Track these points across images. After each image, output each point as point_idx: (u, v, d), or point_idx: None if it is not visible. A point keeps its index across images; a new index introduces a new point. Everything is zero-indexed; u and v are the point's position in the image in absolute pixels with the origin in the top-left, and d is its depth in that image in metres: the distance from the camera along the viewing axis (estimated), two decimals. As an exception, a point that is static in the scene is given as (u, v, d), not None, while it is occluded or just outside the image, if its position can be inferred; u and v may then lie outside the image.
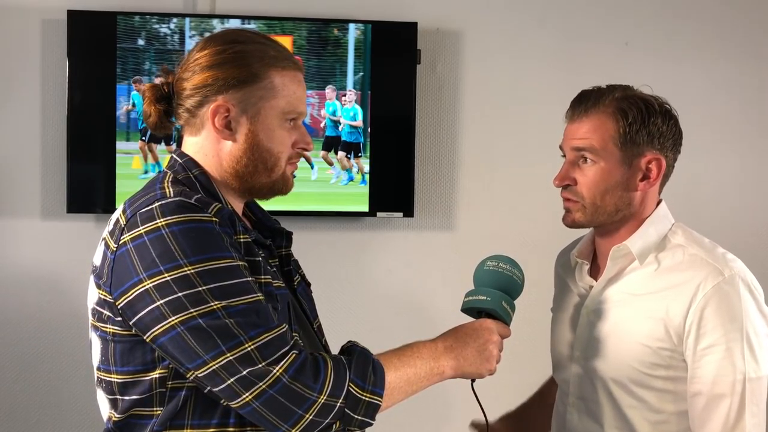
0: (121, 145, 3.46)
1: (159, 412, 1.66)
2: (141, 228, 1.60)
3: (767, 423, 1.88)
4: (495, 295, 1.87)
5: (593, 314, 2.00)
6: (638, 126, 1.89)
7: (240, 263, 1.62)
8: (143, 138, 3.46)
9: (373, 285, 3.72)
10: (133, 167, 3.47)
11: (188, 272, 1.57)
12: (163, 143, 3.45)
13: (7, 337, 3.52)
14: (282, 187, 1.79)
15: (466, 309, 1.91)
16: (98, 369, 1.72)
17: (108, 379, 1.69)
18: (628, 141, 1.89)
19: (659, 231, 1.96)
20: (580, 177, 1.93)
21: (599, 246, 2.05)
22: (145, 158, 3.47)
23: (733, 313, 1.84)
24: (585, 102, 1.93)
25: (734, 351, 1.83)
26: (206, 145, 1.75)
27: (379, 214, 3.62)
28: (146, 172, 3.45)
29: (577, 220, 1.96)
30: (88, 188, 3.49)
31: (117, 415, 1.69)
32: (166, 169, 1.77)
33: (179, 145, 1.81)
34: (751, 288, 1.88)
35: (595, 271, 2.06)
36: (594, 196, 1.92)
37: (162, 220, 1.59)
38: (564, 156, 1.99)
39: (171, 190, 1.66)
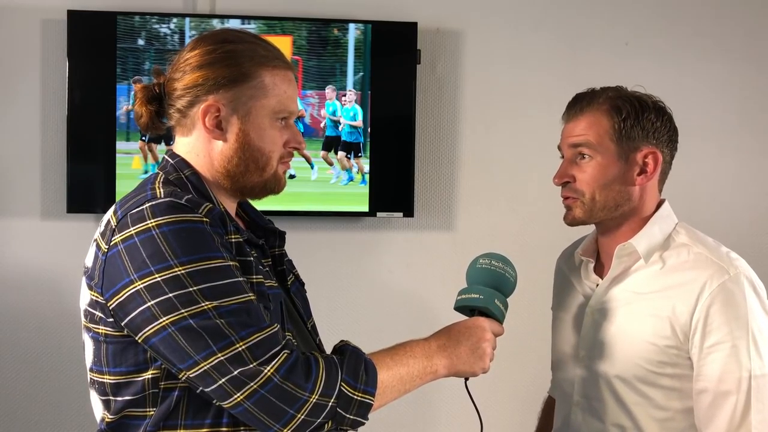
0: (121, 145, 3.47)
1: (152, 412, 1.66)
2: (132, 229, 1.60)
3: None
4: (488, 293, 1.87)
5: (598, 313, 2.01)
6: (632, 121, 1.94)
7: (231, 263, 1.62)
8: (143, 138, 3.46)
9: (373, 285, 3.71)
10: (133, 167, 3.47)
11: (179, 273, 1.56)
12: (163, 143, 3.44)
13: (7, 336, 3.53)
14: (274, 186, 1.79)
15: (459, 307, 1.91)
16: (91, 370, 1.72)
17: (101, 380, 1.69)
18: (624, 136, 1.94)
19: (664, 230, 1.99)
20: (578, 174, 1.97)
21: (602, 245, 2.07)
22: (145, 158, 3.47)
23: (739, 312, 1.86)
24: (580, 102, 2.00)
25: (740, 348, 1.85)
26: (197, 145, 1.75)
27: (379, 214, 3.62)
28: (146, 172, 3.45)
29: (577, 217, 1.99)
30: (88, 188, 3.49)
31: (110, 416, 1.69)
32: (157, 170, 1.77)
33: None
34: (755, 286, 1.90)
35: (599, 270, 2.08)
36: (593, 191, 1.95)
37: (152, 220, 1.59)
38: (562, 156, 2.03)
39: (162, 190, 1.66)
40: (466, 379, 1.87)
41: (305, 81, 3.52)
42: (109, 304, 1.63)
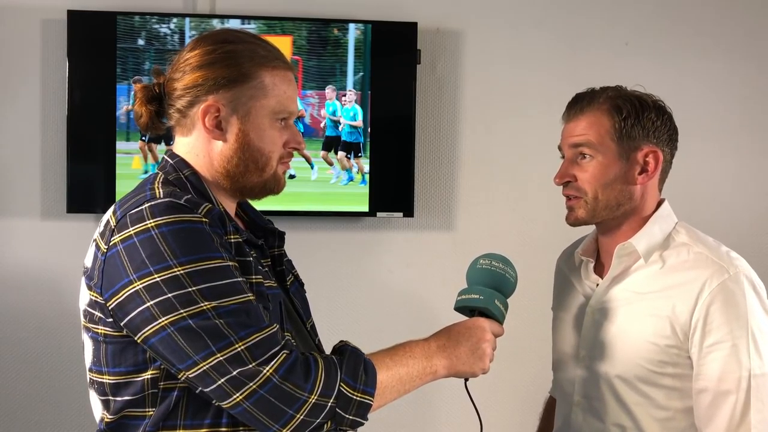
0: (121, 145, 3.47)
1: (151, 412, 1.66)
2: (131, 229, 1.60)
3: None
4: (488, 293, 1.87)
5: (598, 313, 2.02)
6: (633, 120, 1.94)
7: (230, 263, 1.62)
8: (143, 138, 3.46)
9: (373, 285, 3.71)
10: (133, 167, 3.47)
11: (178, 273, 1.56)
12: (163, 143, 3.44)
13: (7, 336, 3.52)
14: (274, 186, 1.79)
15: (459, 308, 1.91)
16: (90, 370, 1.72)
17: (100, 380, 1.69)
18: (624, 135, 1.94)
19: (664, 229, 1.99)
20: (579, 173, 1.97)
21: (603, 244, 2.08)
22: (145, 158, 3.47)
23: (738, 311, 1.86)
24: (580, 102, 2.00)
25: (740, 348, 1.85)
26: (197, 146, 1.75)
27: (379, 214, 3.62)
28: (146, 172, 3.45)
29: (580, 218, 1.99)
30: (88, 188, 3.49)
31: (109, 416, 1.69)
32: (157, 170, 1.77)
33: None
34: (755, 286, 1.90)
35: (599, 270, 2.08)
36: (595, 190, 1.96)
37: (152, 221, 1.59)
38: (563, 156, 2.03)
39: (161, 190, 1.66)
40: (466, 379, 1.87)
41: (305, 81, 3.52)
42: (108, 305, 1.62)
